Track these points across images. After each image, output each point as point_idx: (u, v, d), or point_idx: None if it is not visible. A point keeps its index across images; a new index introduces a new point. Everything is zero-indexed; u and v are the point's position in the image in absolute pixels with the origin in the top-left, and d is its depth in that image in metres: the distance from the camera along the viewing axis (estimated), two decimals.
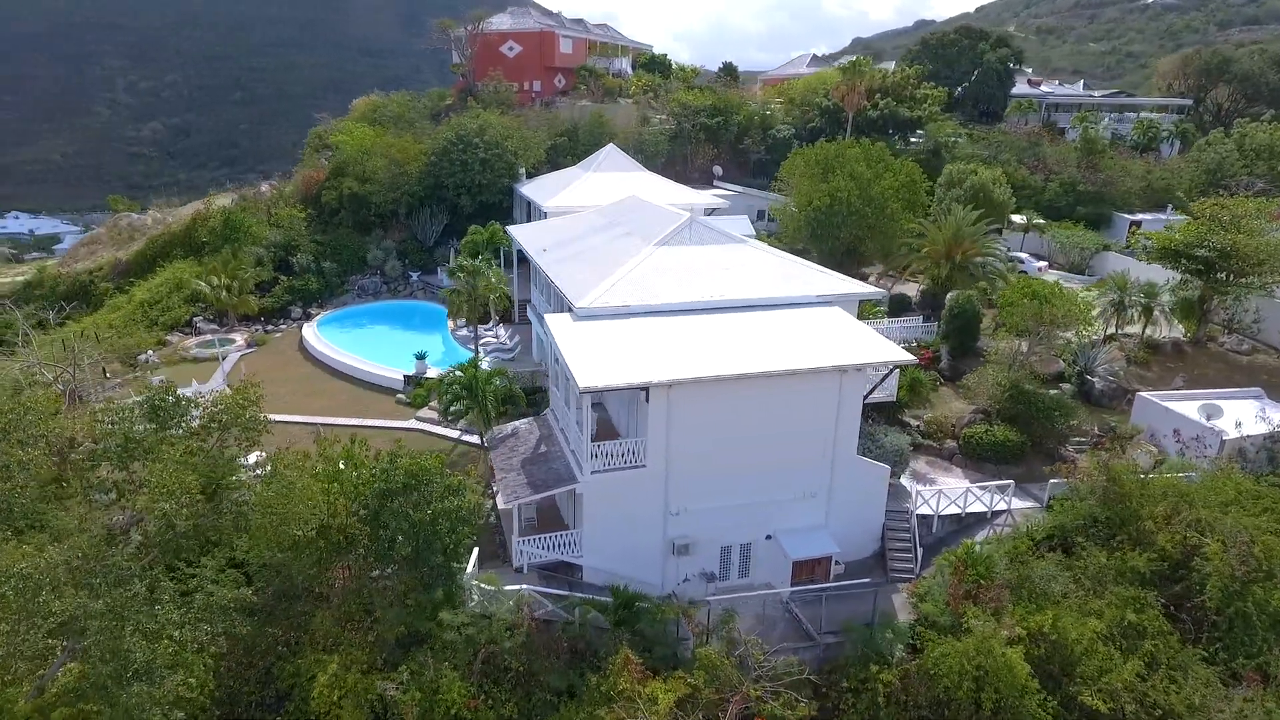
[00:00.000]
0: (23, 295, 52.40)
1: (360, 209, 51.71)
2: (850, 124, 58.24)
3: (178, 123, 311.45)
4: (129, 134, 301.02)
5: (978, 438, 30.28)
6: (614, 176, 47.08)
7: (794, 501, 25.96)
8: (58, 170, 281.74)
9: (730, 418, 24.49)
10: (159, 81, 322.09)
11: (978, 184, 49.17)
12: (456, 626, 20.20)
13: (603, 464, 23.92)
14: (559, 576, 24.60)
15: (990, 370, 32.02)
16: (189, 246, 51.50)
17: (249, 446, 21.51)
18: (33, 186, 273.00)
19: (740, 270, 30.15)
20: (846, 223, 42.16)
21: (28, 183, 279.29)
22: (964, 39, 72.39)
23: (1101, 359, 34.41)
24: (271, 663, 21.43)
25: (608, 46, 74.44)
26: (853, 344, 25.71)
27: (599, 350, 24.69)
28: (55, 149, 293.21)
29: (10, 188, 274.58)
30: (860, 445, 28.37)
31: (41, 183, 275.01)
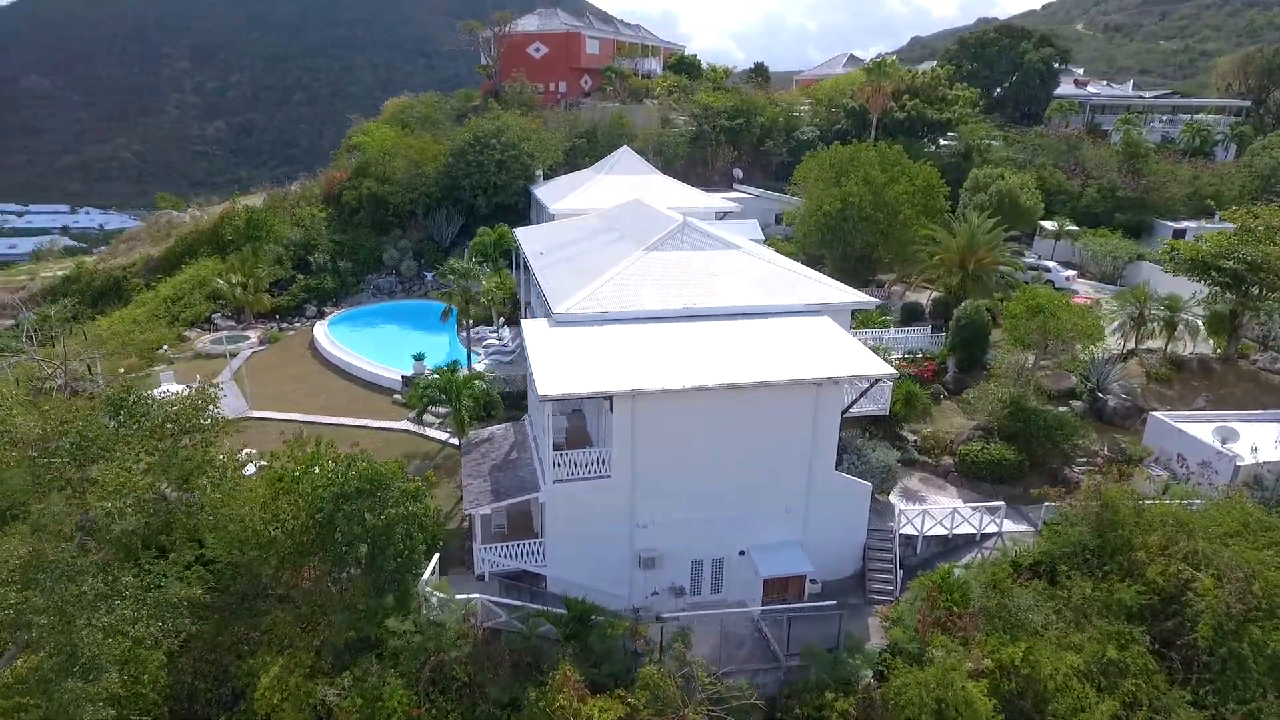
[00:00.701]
0: (60, 289, 54.52)
1: (379, 209, 52.36)
2: (877, 126, 56.72)
3: (240, 122, 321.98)
4: (195, 133, 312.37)
5: (973, 456, 29.04)
6: (626, 179, 46.67)
7: (768, 517, 25.22)
8: (128, 167, 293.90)
9: (700, 429, 23.91)
10: (224, 82, 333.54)
11: (1003, 189, 47.39)
12: (403, 634, 20.07)
13: (566, 473, 23.55)
14: (522, 586, 24.34)
15: (991, 385, 30.68)
16: (216, 244, 52.86)
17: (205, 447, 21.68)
18: (105, 183, 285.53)
19: (730, 277, 29.50)
20: (858, 228, 41.04)
21: (100, 179, 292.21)
22: (1004, 38, 69.90)
23: (1115, 375, 32.68)
24: (230, 661, 21.68)
25: (637, 47, 74.04)
26: (831, 356, 24.84)
27: (569, 356, 24.36)
28: (126, 147, 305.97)
29: (84, 184, 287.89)
30: (844, 460, 27.57)
31: (113, 179, 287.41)
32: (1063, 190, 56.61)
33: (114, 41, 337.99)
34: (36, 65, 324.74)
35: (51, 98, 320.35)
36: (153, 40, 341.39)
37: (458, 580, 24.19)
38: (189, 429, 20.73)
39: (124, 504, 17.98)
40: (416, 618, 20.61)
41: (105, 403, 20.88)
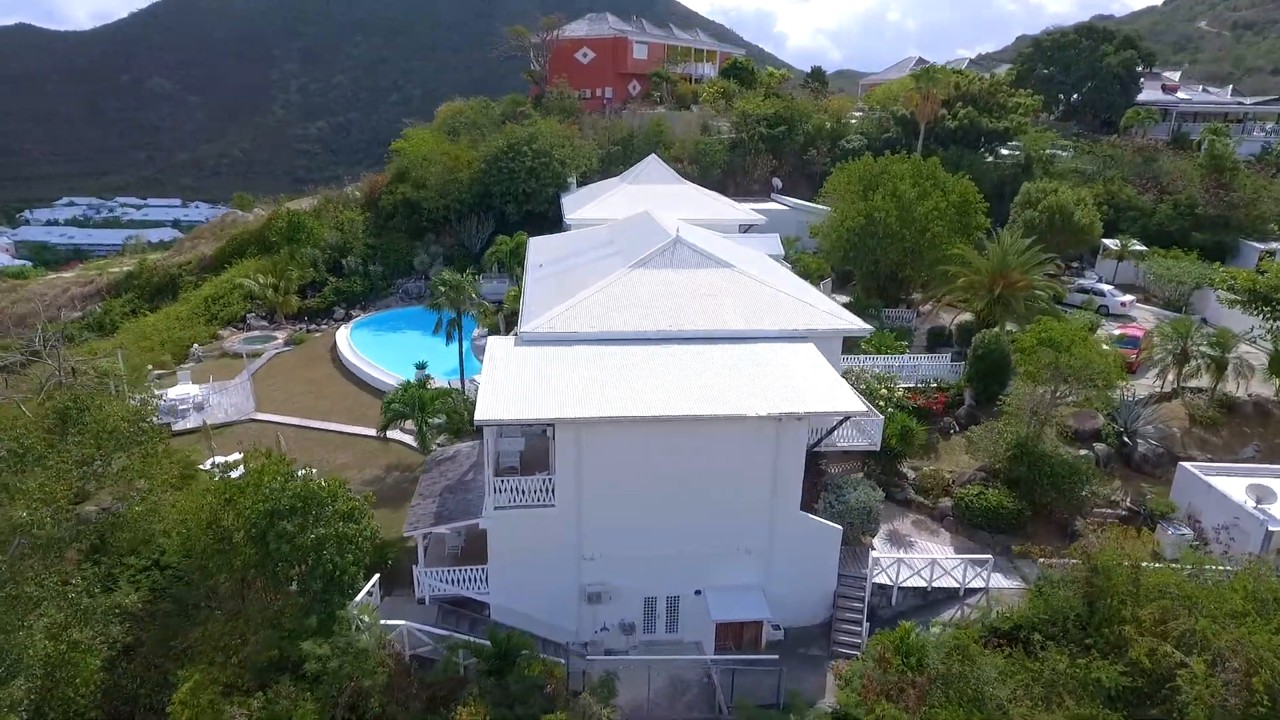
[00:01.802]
0: (124, 285, 57.64)
1: (413, 214, 53.08)
2: (926, 135, 53.67)
3: (340, 121, 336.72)
4: (298, 131, 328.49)
5: (969, 500, 26.73)
6: (651, 189, 45.67)
7: (726, 557, 23.82)
8: (237, 164, 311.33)
9: (651, 461, 22.78)
10: (326, 83, 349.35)
11: (1054, 205, 43.93)
12: (319, 658, 19.77)
13: (509, 499, 22.80)
14: (464, 613, 23.75)
15: (999, 423, 28.22)
16: (262, 245, 54.79)
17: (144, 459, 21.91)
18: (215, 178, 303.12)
19: (715, 298, 28.19)
20: (883, 245, 38.75)
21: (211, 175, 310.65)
22: (1082, 39, 65.02)
23: (1148, 417, 29.58)
24: (171, 669, 21.91)
25: (689, 51, 72.70)
26: (800, 389, 23.23)
27: (524, 378, 23.62)
28: (236, 145, 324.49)
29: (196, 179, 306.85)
30: (822, 499, 25.87)
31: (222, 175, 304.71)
32: (1133, 206, 52.18)
33: (230, 46, 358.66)
34: (160, 68, 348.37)
35: (172, 98, 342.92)
36: (265, 44, 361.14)
37: (400, 602, 23.89)
38: (126, 441, 20.98)
39: (44, 514, 18.30)
40: (336, 641, 20.28)
41: (53, 411, 21.47)
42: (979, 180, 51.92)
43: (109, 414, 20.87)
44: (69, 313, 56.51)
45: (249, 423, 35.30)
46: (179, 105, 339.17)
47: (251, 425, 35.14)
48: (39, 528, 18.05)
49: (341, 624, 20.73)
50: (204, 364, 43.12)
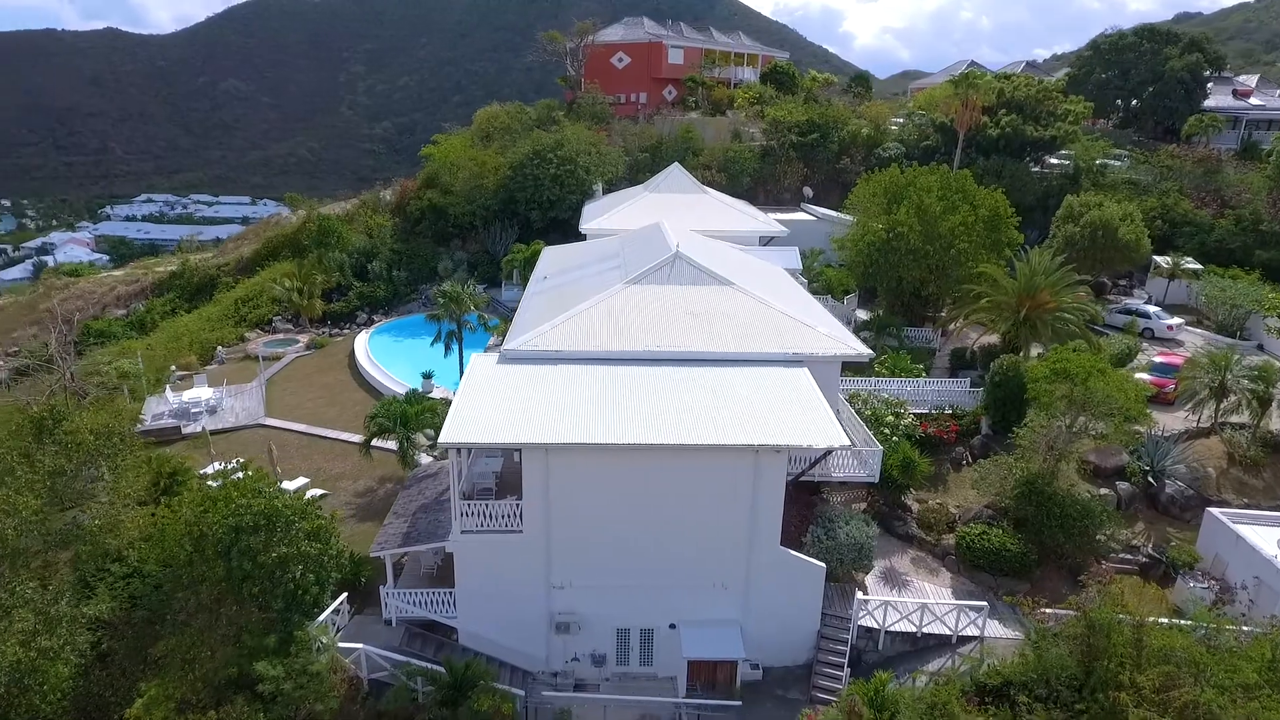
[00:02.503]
0: (167, 284, 59.37)
1: (439, 220, 53.26)
2: (966, 144, 51.33)
3: (404, 122, 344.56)
4: (364, 132, 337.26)
5: (970, 540, 25.12)
6: (671, 198, 44.82)
7: (701, 591, 22.83)
8: (305, 163, 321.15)
9: (623, 489, 21.95)
10: (392, 85, 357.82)
11: (1098, 220, 41.43)
12: (271, 679, 19.57)
13: (476, 523, 22.28)
14: (432, 637, 23.30)
15: (1010, 457, 26.50)
16: (295, 248, 55.76)
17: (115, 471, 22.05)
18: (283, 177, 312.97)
19: (710, 318, 27.21)
20: (904, 261, 37.06)
21: (280, 173, 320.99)
22: (1144, 42, 61.39)
23: (1177, 455, 27.42)
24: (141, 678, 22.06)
25: (729, 55, 71.37)
26: (781, 418, 22.09)
27: (500, 397, 23.07)
28: (305, 145, 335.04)
29: (265, 178, 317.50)
30: (810, 533, 24.63)
31: (290, 174, 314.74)
32: (1189, 221, 48.98)
33: (301, 48, 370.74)
34: (236, 70, 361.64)
35: (246, 99, 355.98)
36: (334, 47, 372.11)
37: (369, 622, 23.60)
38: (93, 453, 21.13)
39: (7, 525, 18.52)
40: (292, 663, 20.06)
41: (29, 421, 21.81)
42: (1022, 192, 49.83)
43: (78, 426, 21.09)
44: (114, 310, 58.49)
45: (257, 428, 35.66)
46: (252, 106, 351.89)
47: (259, 430, 35.50)
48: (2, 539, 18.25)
49: (300, 644, 20.53)
50: (225, 366, 43.91)
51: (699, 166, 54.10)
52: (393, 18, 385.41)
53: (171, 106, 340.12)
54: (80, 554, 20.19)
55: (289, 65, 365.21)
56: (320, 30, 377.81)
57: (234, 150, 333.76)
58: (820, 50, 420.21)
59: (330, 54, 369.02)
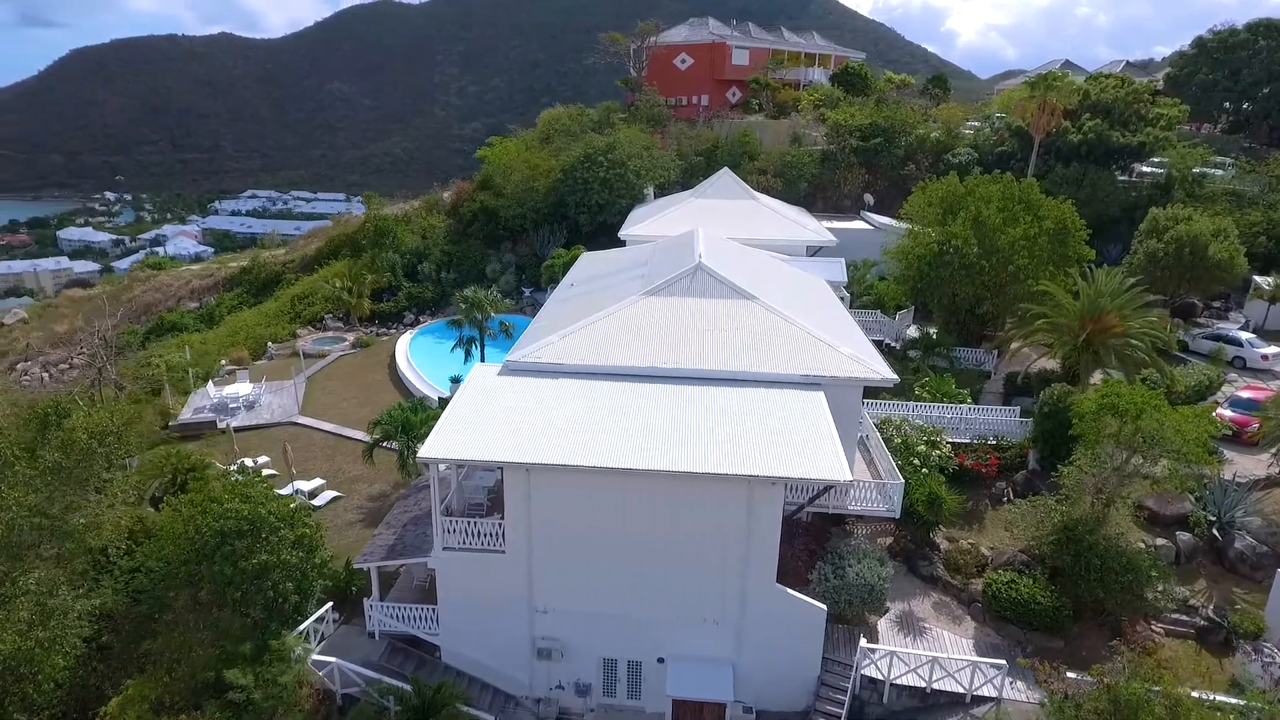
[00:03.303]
0: (236, 279, 61.79)
1: (490, 222, 53.32)
2: (1048, 150, 47.71)
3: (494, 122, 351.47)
4: (455, 132, 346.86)
5: (997, 589, 22.81)
6: (718, 204, 43.36)
7: (690, 626, 21.48)
8: (398, 162, 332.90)
9: (608, 514, 20.83)
10: (484, 86, 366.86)
11: (1185, 235, 37.66)
12: (240, 687, 19.40)
13: (459, 541, 21.60)
14: (416, 653, 22.75)
15: (1051, 498, 24.02)
16: (354, 247, 57.02)
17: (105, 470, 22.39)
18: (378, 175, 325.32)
19: (726, 334, 25.77)
20: (957, 276, 34.54)
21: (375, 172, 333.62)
22: (1258, 39, 55.76)
23: (1250, 505, 24.28)
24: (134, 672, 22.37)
25: (798, 56, 68.97)
26: (782, 447, 20.51)
27: (492, 411, 22.35)
28: (400, 145, 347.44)
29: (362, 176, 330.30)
30: (818, 570, 22.92)
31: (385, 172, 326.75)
32: None
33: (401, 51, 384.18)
34: (340, 72, 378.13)
35: (348, 100, 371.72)
36: (430, 50, 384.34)
37: (354, 633, 23.26)
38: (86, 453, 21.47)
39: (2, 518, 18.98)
40: (263, 672, 19.85)
41: (34, 417, 22.40)
42: (1105, 203, 46.16)
43: (75, 424, 21.54)
44: (188, 303, 61.28)
45: (289, 425, 36.23)
46: (353, 106, 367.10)
47: (290, 428, 36.05)
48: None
49: (274, 654, 20.33)
50: (275, 362, 44.98)
51: (755, 171, 52.35)
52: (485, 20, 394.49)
53: (279, 107, 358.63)
54: (67, 550, 20.52)
55: (388, 67, 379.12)
56: (418, 33, 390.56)
57: (334, 149, 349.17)
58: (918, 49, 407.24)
59: (426, 56, 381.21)
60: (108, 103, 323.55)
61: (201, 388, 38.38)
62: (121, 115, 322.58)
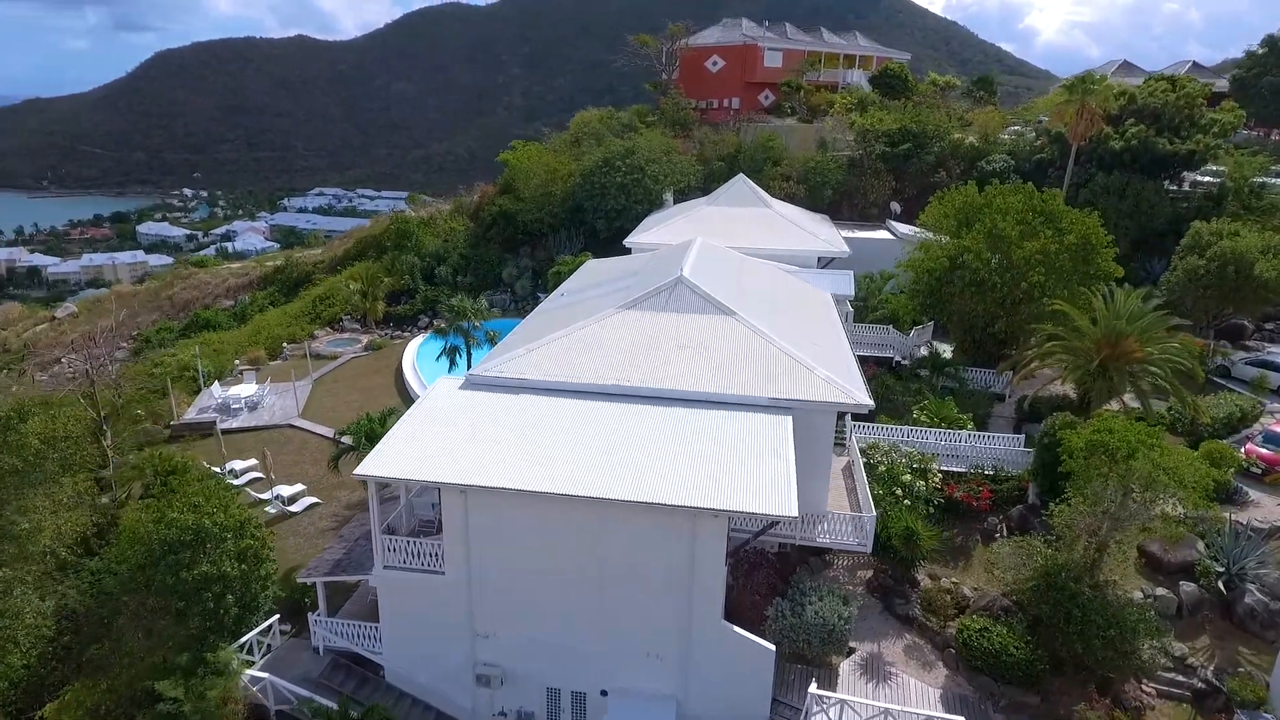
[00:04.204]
0: (270, 279, 63.17)
1: (509, 226, 53.15)
2: (1085, 158, 44.86)
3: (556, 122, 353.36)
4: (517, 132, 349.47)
5: (969, 635, 21.18)
6: (730, 211, 42.10)
7: (632, 659, 20.54)
8: (460, 161, 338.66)
9: (548, 539, 20.08)
10: (547, 86, 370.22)
11: (1228, 252, 34.79)
12: (172, 699, 19.33)
13: (400, 560, 21.14)
14: (360, 670, 22.37)
15: (1034, 539, 22.23)
16: (379, 249, 57.65)
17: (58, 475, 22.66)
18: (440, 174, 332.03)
19: (701, 351, 24.74)
20: (967, 293, 32.62)
21: (438, 170, 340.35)
22: None
23: (1265, 555, 22.02)
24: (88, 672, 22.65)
25: (836, 57, 66.78)
26: (734, 476, 19.41)
27: (438, 427, 21.85)
28: (463, 144, 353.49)
29: (425, 174, 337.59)
30: (775, 608, 21.73)
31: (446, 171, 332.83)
32: None
33: (466, 52, 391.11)
34: (406, 72, 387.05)
35: (413, 100, 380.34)
36: (496, 51, 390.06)
37: (300, 648, 23.00)
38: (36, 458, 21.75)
39: None
40: (196, 685, 19.74)
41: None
42: (1150, 214, 43.36)
43: (28, 430, 21.87)
44: (223, 301, 62.93)
45: (286, 428, 36.56)
46: (418, 107, 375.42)
47: (287, 430, 36.37)
48: None
49: (209, 666, 20.23)
50: (287, 363, 45.58)
51: (778, 177, 50.83)
52: (551, 21, 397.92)
53: (348, 107, 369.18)
54: (5, 553, 20.83)
55: (454, 68, 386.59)
56: (484, 35, 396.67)
57: (399, 148, 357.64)
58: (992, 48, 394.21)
59: (492, 57, 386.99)
60: (189, 103, 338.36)
61: (210, 387, 39.07)
62: (201, 115, 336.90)
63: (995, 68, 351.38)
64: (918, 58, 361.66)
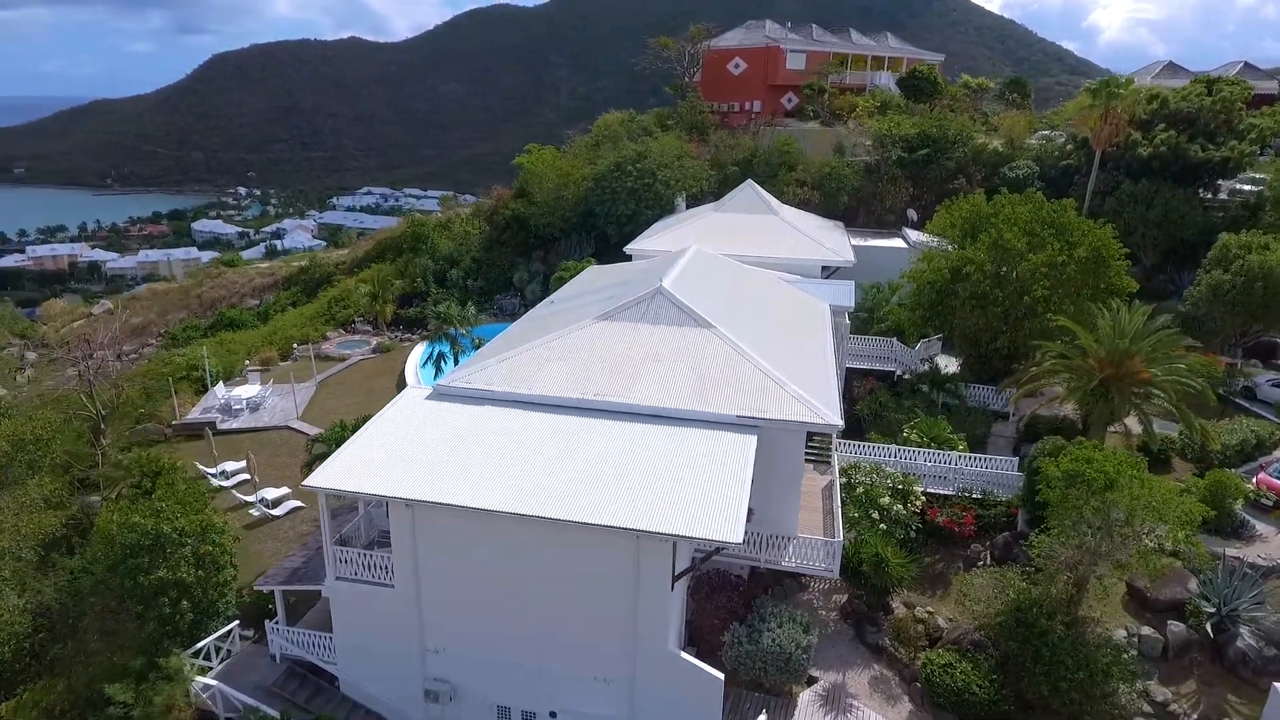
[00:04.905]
0: (294, 279, 64.33)
1: (521, 230, 53.14)
2: (1112, 164, 42.86)
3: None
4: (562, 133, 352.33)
5: (934, 671, 20.22)
6: (734, 218, 41.32)
7: (579, 681, 20.12)
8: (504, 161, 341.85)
9: (495, 557, 19.78)
10: (592, 87, 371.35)
11: (1256, 267, 32.84)
12: (119, 703, 19.56)
13: (352, 571, 21.06)
14: (315, 680, 22.34)
15: (1010, 570, 21.16)
16: (397, 251, 58.25)
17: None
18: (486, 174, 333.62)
19: (671, 365, 24.18)
20: (966, 307, 31.39)
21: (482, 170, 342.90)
22: None
23: (1261, 596, 20.57)
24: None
25: (863, 59, 65.16)
26: (684, 498, 18.81)
27: (396, 438, 21.72)
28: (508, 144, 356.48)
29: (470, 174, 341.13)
30: (731, 634, 21.04)
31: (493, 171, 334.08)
32: None
33: (514, 53, 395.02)
34: (455, 74, 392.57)
35: (461, 101, 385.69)
36: (543, 51, 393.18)
37: (258, 655, 23.05)
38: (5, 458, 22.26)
39: None
40: (146, 690, 19.94)
41: None
42: (1180, 225, 41.36)
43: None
44: (249, 300, 64.32)
45: (284, 429, 36.98)
46: (466, 107, 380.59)
47: (284, 432, 36.79)
48: None
49: (160, 671, 20.42)
50: (297, 363, 46.19)
51: (793, 182, 49.77)
52: (598, 22, 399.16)
53: (397, 107, 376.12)
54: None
55: (501, 69, 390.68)
56: (532, 36, 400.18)
57: (446, 148, 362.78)
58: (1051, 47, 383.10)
59: (539, 58, 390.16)
60: (245, 103, 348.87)
61: (215, 388, 39.76)
62: (256, 115, 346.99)
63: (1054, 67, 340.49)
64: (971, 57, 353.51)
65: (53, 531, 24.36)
